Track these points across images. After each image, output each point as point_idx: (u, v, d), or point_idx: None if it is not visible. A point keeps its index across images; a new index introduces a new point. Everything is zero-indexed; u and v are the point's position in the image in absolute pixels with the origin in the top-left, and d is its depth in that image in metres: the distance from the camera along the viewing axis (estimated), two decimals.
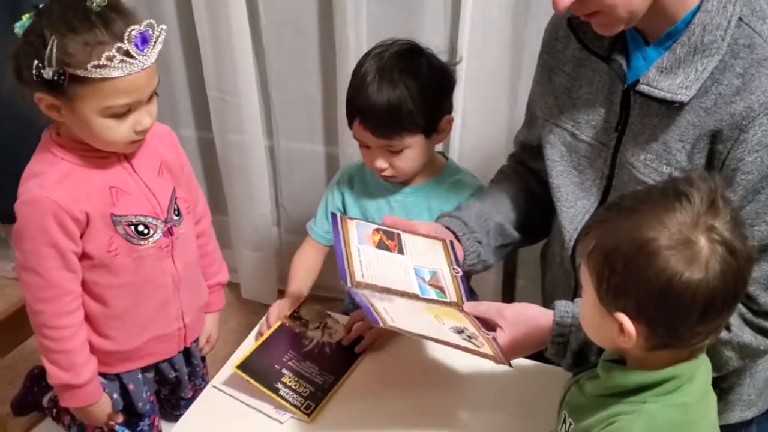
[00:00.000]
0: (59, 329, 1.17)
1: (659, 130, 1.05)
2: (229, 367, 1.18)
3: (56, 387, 1.23)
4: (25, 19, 1.08)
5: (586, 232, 0.82)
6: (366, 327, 1.23)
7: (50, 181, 1.13)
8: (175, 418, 1.26)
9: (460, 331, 1.02)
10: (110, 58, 1.04)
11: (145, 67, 1.07)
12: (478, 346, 1.01)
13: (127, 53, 1.05)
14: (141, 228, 1.19)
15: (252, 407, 1.13)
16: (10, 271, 2.57)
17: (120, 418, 1.32)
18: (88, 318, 1.22)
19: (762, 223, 1.00)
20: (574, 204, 1.19)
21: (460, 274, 1.16)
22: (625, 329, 0.77)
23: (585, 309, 0.85)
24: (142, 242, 1.20)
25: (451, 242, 1.21)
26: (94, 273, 1.19)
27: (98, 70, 1.04)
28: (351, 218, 1.17)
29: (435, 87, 1.32)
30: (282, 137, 2.21)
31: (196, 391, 1.40)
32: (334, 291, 2.27)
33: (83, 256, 1.17)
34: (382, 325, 0.95)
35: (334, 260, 1.39)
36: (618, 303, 0.77)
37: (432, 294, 1.09)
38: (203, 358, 1.47)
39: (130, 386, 1.30)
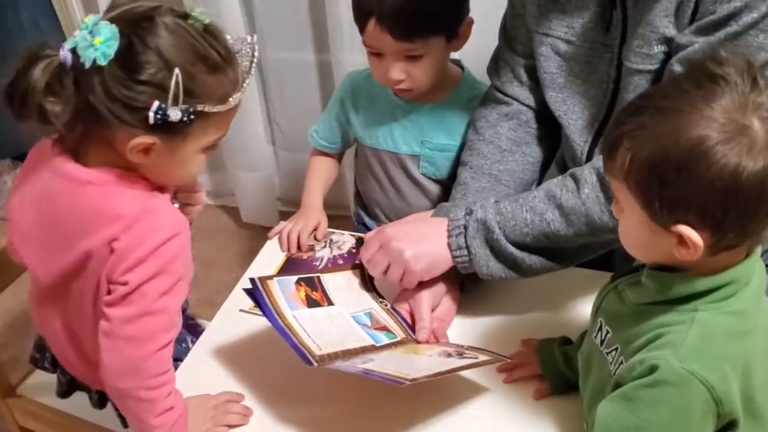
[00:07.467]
0: (167, 373, 0.94)
1: (644, 14, 1.00)
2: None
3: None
4: (103, 42, 0.83)
5: (612, 145, 0.73)
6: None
7: (170, 210, 0.95)
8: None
9: (449, 355, 0.96)
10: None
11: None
12: (476, 357, 0.95)
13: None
14: None
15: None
16: None
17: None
18: None
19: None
20: (582, 114, 1.12)
21: (389, 305, 1.07)
22: (689, 241, 0.69)
23: (627, 229, 0.77)
24: None
25: (360, 265, 1.11)
26: None
27: (221, 103, 0.89)
28: (269, 277, 1.03)
29: None
30: (269, 47, 2.07)
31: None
32: (337, 209, 2.23)
33: None
34: (408, 383, 0.85)
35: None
36: (676, 216, 0.69)
37: (384, 339, 1.01)
38: None
39: None
